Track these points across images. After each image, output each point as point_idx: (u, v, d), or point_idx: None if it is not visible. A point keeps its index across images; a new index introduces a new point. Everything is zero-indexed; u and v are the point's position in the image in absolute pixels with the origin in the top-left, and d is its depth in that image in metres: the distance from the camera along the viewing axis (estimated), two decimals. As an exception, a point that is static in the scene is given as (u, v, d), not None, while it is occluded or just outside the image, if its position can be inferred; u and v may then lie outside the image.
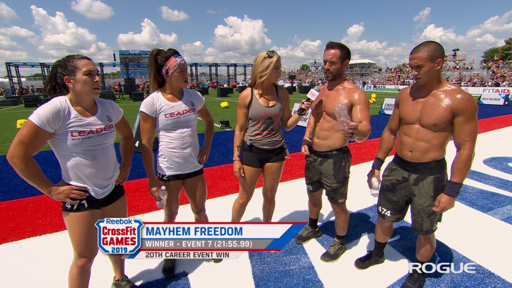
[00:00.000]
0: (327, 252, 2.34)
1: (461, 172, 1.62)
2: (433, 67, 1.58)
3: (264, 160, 2.21)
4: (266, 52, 1.95)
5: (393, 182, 1.91)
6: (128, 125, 1.84)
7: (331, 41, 1.95)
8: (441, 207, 1.68)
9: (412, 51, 1.62)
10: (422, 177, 1.76)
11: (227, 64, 48.88)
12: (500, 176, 4.20)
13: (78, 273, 1.58)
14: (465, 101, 1.55)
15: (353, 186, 2.33)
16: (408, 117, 1.76)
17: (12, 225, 2.87)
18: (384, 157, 2.05)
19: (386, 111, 11.73)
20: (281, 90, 2.17)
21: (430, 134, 1.68)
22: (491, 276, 2.08)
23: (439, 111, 1.61)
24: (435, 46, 1.57)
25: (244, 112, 2.11)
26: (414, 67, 1.62)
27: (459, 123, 1.59)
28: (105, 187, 1.58)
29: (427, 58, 1.56)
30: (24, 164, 1.33)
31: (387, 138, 2.02)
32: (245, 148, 2.21)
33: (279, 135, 2.19)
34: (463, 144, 1.60)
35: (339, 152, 2.09)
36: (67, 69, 1.39)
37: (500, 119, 10.08)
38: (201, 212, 2.20)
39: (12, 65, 35.11)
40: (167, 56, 1.76)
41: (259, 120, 2.09)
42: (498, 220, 2.91)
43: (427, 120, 1.66)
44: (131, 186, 3.85)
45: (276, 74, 2.00)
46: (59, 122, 1.37)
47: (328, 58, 1.93)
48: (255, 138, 2.14)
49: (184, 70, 1.81)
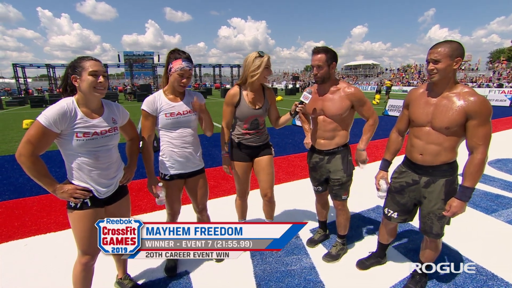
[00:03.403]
0: (329, 253, 2.34)
1: (474, 176, 1.58)
2: (450, 65, 1.53)
3: (252, 155, 2.29)
4: (257, 52, 2.01)
5: (402, 184, 1.88)
6: (134, 127, 1.87)
7: (317, 47, 1.99)
8: (452, 211, 1.65)
9: (433, 46, 1.58)
10: (433, 180, 1.72)
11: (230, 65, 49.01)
12: (504, 178, 4.15)
13: (82, 270, 1.61)
14: (480, 104, 1.51)
15: (355, 186, 2.33)
16: (419, 119, 1.71)
17: (18, 223, 2.92)
18: (391, 159, 2.01)
19: (390, 112, 11.67)
20: (268, 90, 2.23)
21: (441, 137, 1.63)
22: (494, 278, 2.06)
23: (452, 114, 1.56)
24: (457, 45, 1.54)
25: (231, 110, 2.17)
26: (432, 61, 1.57)
27: (472, 127, 1.54)
28: (108, 187, 1.60)
29: (447, 54, 1.52)
30: (31, 162, 1.37)
31: (395, 139, 1.98)
32: (233, 145, 2.28)
33: (265, 133, 2.29)
34: (476, 148, 1.56)
35: (345, 148, 2.13)
36: (75, 69, 1.45)
37: (506, 120, 9.96)
38: (203, 212, 2.22)
39: (18, 66, 35.63)
40: (177, 57, 1.81)
41: (246, 121, 2.16)
42: (502, 222, 2.89)
43: (439, 123, 1.61)
44: (134, 186, 3.89)
45: (267, 73, 2.05)
46: (66, 123, 1.41)
47: (315, 63, 1.95)
48: (243, 136, 2.22)
49: (184, 76, 1.82)
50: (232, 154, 2.29)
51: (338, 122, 2.04)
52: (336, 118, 2.02)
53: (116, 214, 1.70)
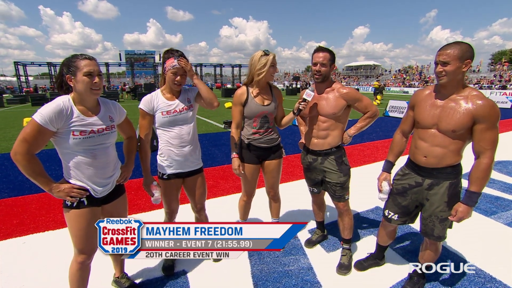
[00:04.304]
0: (342, 264, 2.21)
1: (480, 181, 1.55)
2: (460, 67, 1.50)
3: (262, 157, 2.26)
4: (262, 51, 2.01)
5: (404, 186, 1.86)
6: (132, 126, 1.87)
7: (320, 46, 1.99)
8: (458, 216, 1.63)
9: (442, 47, 1.55)
10: (437, 182, 1.70)
11: (232, 65, 48.91)
12: (504, 180, 4.14)
13: (78, 269, 1.60)
14: (488, 108, 1.49)
15: (354, 187, 2.32)
16: (425, 121, 1.68)
17: (16, 221, 2.92)
18: (395, 160, 1.98)
19: (391, 113, 11.64)
20: (275, 89, 2.23)
21: (447, 140, 1.61)
22: (492, 281, 2.05)
23: (459, 117, 1.54)
24: (467, 47, 1.50)
25: (240, 110, 2.16)
26: (440, 63, 1.53)
27: (479, 131, 1.52)
28: (104, 186, 1.60)
29: (456, 56, 1.48)
30: (26, 161, 1.36)
31: (399, 141, 1.95)
32: (243, 147, 2.26)
33: (275, 133, 2.26)
34: (483, 153, 1.54)
35: (338, 149, 2.12)
36: (69, 68, 1.42)
37: (507, 122, 9.93)
38: (201, 211, 2.22)
39: (20, 64, 35.63)
40: (169, 56, 1.82)
41: (255, 119, 2.15)
42: (501, 224, 2.88)
43: (445, 126, 1.59)
44: (133, 185, 3.89)
45: (273, 71, 2.06)
46: (62, 121, 1.40)
47: (319, 60, 1.94)
48: (252, 137, 2.19)
49: (178, 74, 1.81)
50: (241, 156, 2.25)
51: (332, 122, 2.04)
52: (330, 117, 2.03)
53: (113, 213, 1.70)
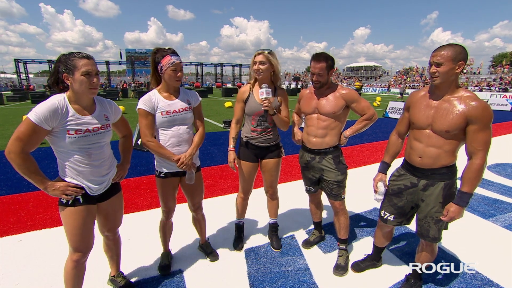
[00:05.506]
0: (339, 265, 2.20)
1: (472, 182, 1.56)
2: (453, 68, 1.53)
3: (260, 155, 2.29)
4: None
5: (400, 187, 1.87)
6: (127, 124, 1.85)
7: (317, 53, 2.01)
8: (449, 216, 1.64)
9: (436, 49, 1.58)
10: (432, 183, 1.71)
11: (232, 64, 48.90)
12: (503, 182, 4.14)
13: (73, 267, 1.59)
14: (481, 109, 1.50)
15: (353, 188, 2.32)
16: (419, 121, 1.70)
17: (13, 219, 2.92)
18: (391, 161, 1.99)
19: (391, 114, 11.66)
20: (279, 90, 2.23)
21: (441, 140, 1.63)
22: (489, 284, 2.05)
23: (452, 118, 1.56)
24: (460, 49, 1.53)
25: (241, 106, 2.22)
26: (434, 64, 1.57)
27: (472, 132, 1.54)
28: (100, 184, 1.59)
29: (450, 57, 1.51)
30: (21, 159, 1.34)
31: (395, 142, 1.97)
32: (241, 144, 2.29)
33: (274, 134, 2.27)
34: (475, 154, 1.55)
35: (336, 149, 2.15)
36: (67, 66, 1.40)
37: (507, 125, 9.93)
38: (198, 210, 2.21)
39: (20, 62, 35.59)
40: (163, 54, 1.80)
41: (253, 117, 2.19)
42: (499, 227, 2.87)
43: (439, 126, 1.61)
44: (131, 184, 3.88)
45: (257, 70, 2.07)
46: (57, 120, 1.38)
47: (316, 71, 1.99)
48: (250, 135, 2.23)
49: (177, 69, 1.81)
50: (239, 153, 2.30)
51: (332, 121, 2.07)
52: (330, 116, 2.06)
53: (108, 211, 1.69)
